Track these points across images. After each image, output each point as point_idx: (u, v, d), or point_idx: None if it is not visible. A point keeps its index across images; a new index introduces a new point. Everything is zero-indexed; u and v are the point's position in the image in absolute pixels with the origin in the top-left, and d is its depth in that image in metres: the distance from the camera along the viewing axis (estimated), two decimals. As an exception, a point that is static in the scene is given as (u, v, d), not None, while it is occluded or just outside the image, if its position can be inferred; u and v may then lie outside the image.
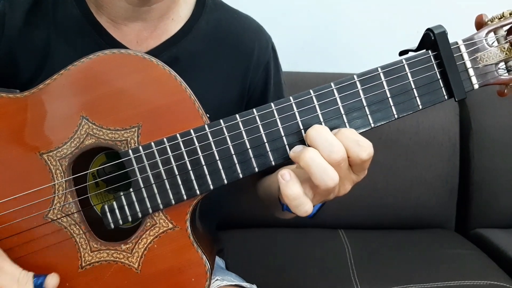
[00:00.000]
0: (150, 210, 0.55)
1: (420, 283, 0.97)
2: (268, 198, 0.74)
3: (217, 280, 0.78)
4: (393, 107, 0.54)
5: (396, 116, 0.55)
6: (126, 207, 0.55)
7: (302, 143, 0.54)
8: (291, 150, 0.53)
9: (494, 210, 1.24)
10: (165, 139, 0.54)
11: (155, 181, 0.54)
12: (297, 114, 0.54)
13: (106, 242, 0.56)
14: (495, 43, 0.55)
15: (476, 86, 0.55)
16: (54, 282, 0.54)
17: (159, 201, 0.55)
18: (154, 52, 0.70)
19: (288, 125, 0.54)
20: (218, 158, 0.54)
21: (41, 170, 0.55)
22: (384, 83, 0.54)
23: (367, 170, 0.55)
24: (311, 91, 0.54)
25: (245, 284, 0.81)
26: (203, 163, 0.54)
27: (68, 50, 0.68)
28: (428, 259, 1.08)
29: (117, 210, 0.55)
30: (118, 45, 0.69)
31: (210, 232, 0.71)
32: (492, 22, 0.55)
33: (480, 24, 0.56)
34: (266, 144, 0.54)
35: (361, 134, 0.55)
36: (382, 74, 0.54)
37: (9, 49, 0.67)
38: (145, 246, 0.56)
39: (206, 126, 0.54)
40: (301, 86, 1.02)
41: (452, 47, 0.54)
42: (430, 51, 0.54)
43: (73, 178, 0.56)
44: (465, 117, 1.24)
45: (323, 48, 1.35)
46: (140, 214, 0.55)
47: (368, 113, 0.54)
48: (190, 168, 0.54)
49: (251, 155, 0.54)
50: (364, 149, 0.51)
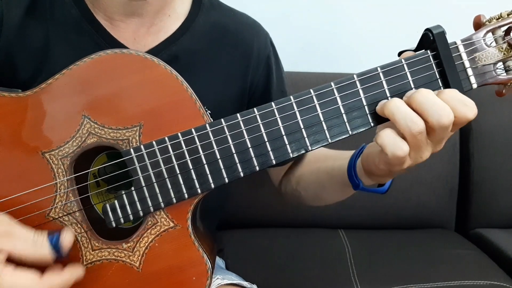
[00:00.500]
0: (152, 209, 0.55)
1: (420, 283, 0.97)
2: (328, 183, 0.73)
3: (217, 279, 0.78)
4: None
5: (396, 115, 0.55)
6: (128, 206, 0.55)
7: (302, 142, 0.54)
8: (378, 105, 0.54)
9: (494, 210, 1.24)
10: (166, 138, 0.54)
11: (157, 180, 0.55)
12: (297, 113, 0.54)
13: (107, 241, 0.57)
14: (493, 43, 0.55)
15: (474, 86, 0.55)
16: (69, 238, 0.52)
17: (161, 199, 0.55)
18: (153, 51, 0.70)
19: (288, 124, 0.54)
20: (219, 157, 0.54)
21: (43, 169, 0.55)
22: (383, 83, 0.54)
23: None
24: (311, 91, 0.54)
25: (245, 283, 0.81)
26: (204, 162, 0.54)
27: (66, 49, 0.68)
28: (428, 259, 1.08)
29: (118, 209, 0.55)
30: (116, 42, 0.69)
31: (210, 231, 0.71)
32: (490, 22, 0.55)
33: (478, 24, 0.56)
34: (267, 143, 0.54)
35: (360, 134, 0.56)
36: (381, 74, 0.54)
37: (7, 49, 0.67)
38: (146, 244, 0.56)
39: (207, 125, 0.54)
40: (301, 86, 1.02)
41: (450, 47, 0.54)
42: (429, 51, 0.55)
43: (74, 177, 0.56)
44: (465, 117, 1.24)
45: (323, 48, 1.35)
46: (141, 213, 0.55)
47: (367, 112, 0.55)
48: (191, 167, 0.54)
49: (252, 154, 0.54)
50: (470, 108, 0.51)
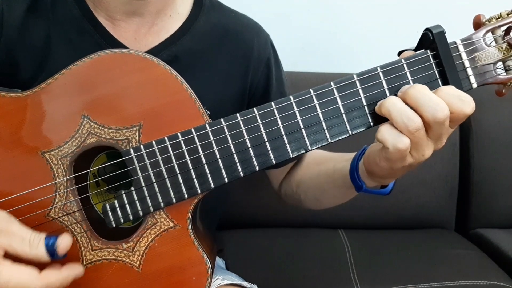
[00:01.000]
0: (151, 209, 0.55)
1: (420, 283, 0.97)
2: (329, 186, 0.72)
3: (217, 279, 0.78)
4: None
5: (396, 115, 0.55)
6: (128, 206, 0.55)
7: (302, 142, 0.54)
8: (376, 105, 0.54)
9: (494, 210, 1.24)
10: (166, 138, 0.54)
11: (156, 179, 0.55)
12: (297, 113, 0.54)
13: (107, 240, 0.57)
14: (493, 43, 0.55)
15: (474, 86, 0.55)
16: (66, 242, 0.51)
17: (160, 199, 0.55)
18: (153, 51, 0.70)
19: (288, 124, 0.54)
20: (219, 157, 0.54)
21: (42, 169, 0.55)
22: (383, 83, 0.54)
23: None
24: (311, 90, 0.54)
25: (245, 283, 0.81)
26: (204, 162, 0.54)
27: (67, 48, 0.68)
28: (428, 259, 1.07)
29: (118, 209, 0.55)
30: (117, 42, 0.69)
31: (210, 231, 0.71)
32: (489, 22, 0.55)
33: (478, 24, 0.56)
34: (267, 143, 0.54)
35: (361, 134, 0.56)
36: (381, 74, 0.54)
37: (8, 49, 0.67)
38: (146, 244, 0.56)
39: (207, 125, 0.54)
40: (301, 86, 1.02)
41: (450, 47, 0.54)
42: (428, 51, 0.55)
43: (74, 177, 0.56)
44: (465, 117, 1.24)
45: (323, 48, 1.35)
46: (141, 213, 0.55)
47: (367, 112, 0.55)
48: (191, 167, 0.54)
49: (252, 154, 0.54)
50: (467, 103, 0.51)
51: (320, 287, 0.99)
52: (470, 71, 0.55)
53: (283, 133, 0.54)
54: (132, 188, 0.55)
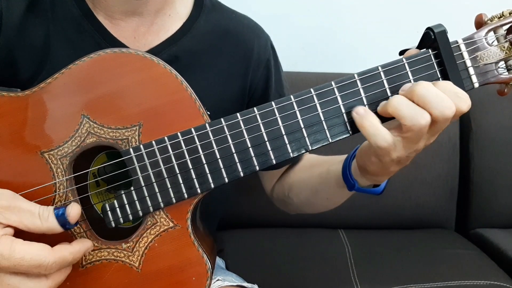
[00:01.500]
0: (151, 209, 0.55)
1: (420, 283, 0.97)
2: (323, 190, 0.72)
3: (218, 280, 0.78)
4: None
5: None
6: (127, 206, 0.55)
7: (303, 141, 0.54)
8: (379, 106, 0.53)
9: (494, 210, 1.24)
10: (166, 138, 0.54)
11: (156, 179, 0.54)
12: (297, 112, 0.54)
13: (107, 241, 0.56)
14: (495, 42, 0.55)
15: (476, 85, 0.55)
16: (76, 210, 0.51)
17: (160, 199, 0.55)
18: (154, 51, 0.70)
19: (288, 123, 0.54)
20: (219, 156, 0.54)
21: (42, 169, 0.55)
22: (384, 82, 0.54)
23: None
24: (312, 90, 0.54)
25: (246, 284, 0.81)
26: (204, 162, 0.54)
27: (67, 48, 0.68)
28: (428, 259, 1.08)
29: (118, 209, 0.55)
30: (116, 42, 0.69)
31: (210, 231, 0.71)
32: (491, 21, 0.55)
33: (480, 23, 0.56)
34: (267, 142, 0.54)
35: (361, 134, 0.55)
36: (382, 73, 0.54)
37: (7, 49, 0.67)
38: (146, 245, 0.56)
39: (207, 124, 0.54)
40: (301, 86, 1.01)
41: (452, 46, 0.54)
42: (430, 50, 0.54)
43: (74, 177, 0.56)
44: (465, 117, 1.24)
45: (323, 48, 1.35)
46: (141, 213, 0.55)
47: (368, 111, 0.54)
48: (191, 166, 0.54)
49: (252, 154, 0.54)
50: (464, 100, 0.51)
51: (320, 287, 0.99)
52: (471, 71, 0.55)
53: (284, 132, 0.54)
54: (131, 188, 0.55)
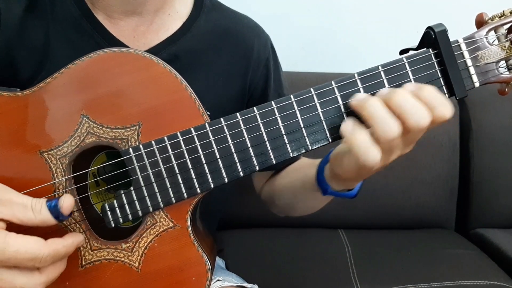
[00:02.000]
0: (151, 209, 0.55)
1: (420, 283, 0.97)
2: (301, 193, 0.72)
3: (218, 280, 0.78)
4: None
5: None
6: (127, 206, 0.55)
7: (302, 141, 0.54)
8: (353, 98, 0.52)
9: (494, 210, 1.24)
10: (165, 138, 0.54)
11: (156, 179, 0.54)
12: (297, 112, 0.54)
13: (106, 241, 0.56)
14: (496, 42, 0.55)
15: (477, 84, 0.55)
16: (68, 201, 0.51)
17: (160, 199, 0.55)
18: (153, 50, 0.70)
19: (288, 123, 0.54)
20: (218, 156, 0.54)
21: (41, 169, 0.55)
22: (385, 81, 0.54)
23: None
24: (312, 90, 0.54)
25: (246, 284, 0.80)
26: (204, 162, 0.54)
27: (66, 48, 0.68)
28: (428, 259, 1.08)
29: (117, 209, 0.55)
30: (116, 41, 0.69)
31: (210, 231, 0.71)
32: (492, 20, 0.55)
33: (480, 22, 0.56)
34: (267, 142, 0.54)
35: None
36: (382, 73, 0.54)
37: (7, 49, 0.67)
38: (145, 245, 0.56)
39: (207, 124, 0.54)
40: (301, 86, 1.01)
41: (452, 46, 0.54)
42: (430, 50, 0.54)
43: (73, 177, 0.56)
44: (465, 117, 1.24)
45: (323, 48, 1.35)
46: (140, 213, 0.55)
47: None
48: (190, 166, 0.54)
49: (252, 154, 0.54)
50: (448, 108, 0.50)
51: (320, 287, 0.99)
52: (472, 70, 0.54)
53: (283, 132, 0.54)
54: (131, 188, 0.55)
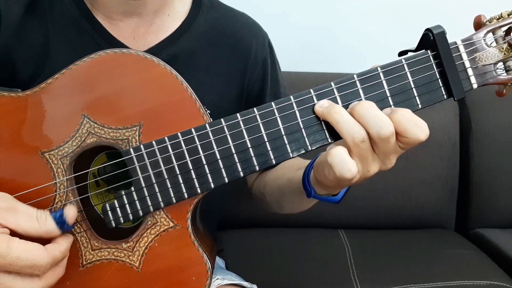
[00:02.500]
0: (151, 209, 0.55)
1: (420, 283, 0.97)
2: (288, 193, 0.72)
3: (217, 279, 0.78)
4: (392, 107, 0.54)
5: (395, 115, 0.55)
6: (127, 206, 0.55)
7: (302, 141, 0.54)
8: (317, 105, 0.53)
9: (494, 210, 1.24)
10: (166, 138, 0.54)
11: (156, 179, 0.55)
12: (297, 113, 0.54)
13: (107, 240, 0.56)
14: (494, 44, 0.55)
15: (475, 86, 0.55)
16: (73, 211, 0.52)
17: (160, 199, 0.55)
18: (153, 50, 0.70)
19: (288, 124, 0.54)
20: (219, 157, 0.54)
21: (42, 169, 0.55)
22: (383, 83, 0.54)
23: None
24: (311, 90, 0.54)
25: (245, 283, 0.81)
26: (204, 162, 0.54)
27: (66, 48, 0.68)
28: (428, 259, 1.08)
29: (118, 209, 0.55)
30: (116, 42, 0.69)
31: (210, 231, 0.71)
32: (490, 22, 0.55)
33: (478, 24, 0.56)
34: (267, 143, 0.54)
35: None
36: (381, 74, 0.54)
37: (6, 49, 0.67)
38: (146, 244, 0.56)
39: (207, 125, 0.54)
40: (301, 86, 1.02)
41: (451, 47, 0.54)
42: (429, 51, 0.55)
43: (74, 177, 0.56)
44: (465, 117, 1.24)
45: (323, 48, 1.35)
46: (141, 212, 0.55)
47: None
48: (191, 167, 0.54)
49: (252, 154, 0.54)
50: (422, 130, 0.51)
51: (320, 287, 0.99)
52: (470, 72, 0.55)
53: (283, 133, 0.54)
54: (132, 188, 0.55)
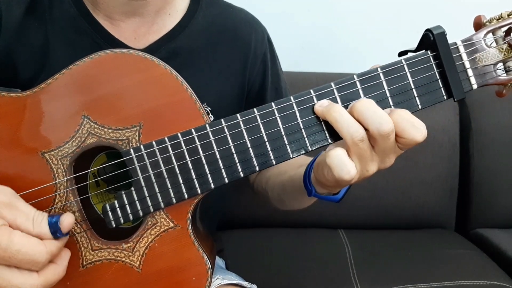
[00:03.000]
0: (151, 209, 0.55)
1: (420, 283, 0.97)
2: (289, 190, 0.72)
3: (217, 279, 0.78)
4: (392, 107, 0.55)
5: (395, 116, 0.55)
6: (127, 206, 0.55)
7: (302, 142, 0.54)
8: (317, 104, 0.53)
9: (494, 210, 1.24)
10: (166, 138, 0.54)
11: (156, 180, 0.55)
12: (297, 113, 0.54)
13: (107, 241, 0.57)
14: (494, 44, 0.55)
15: (475, 86, 0.55)
16: (69, 220, 0.51)
17: (160, 200, 0.55)
18: (152, 47, 0.70)
19: (288, 124, 0.54)
20: (219, 157, 0.54)
21: (42, 169, 0.55)
22: (383, 83, 0.54)
23: None
24: (312, 91, 0.54)
25: (245, 283, 0.81)
26: (204, 162, 0.54)
27: (66, 49, 0.69)
28: (428, 259, 1.08)
29: (118, 209, 0.55)
30: (116, 42, 0.69)
31: (210, 232, 0.71)
32: (490, 23, 0.55)
33: (478, 25, 0.56)
34: (267, 143, 0.54)
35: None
36: (381, 74, 0.54)
37: (6, 49, 0.67)
38: (146, 245, 0.56)
39: (207, 125, 0.54)
40: (301, 86, 1.02)
41: (451, 48, 0.54)
42: (429, 52, 0.55)
43: (74, 177, 0.56)
44: (465, 117, 1.25)
45: (323, 48, 1.35)
46: (141, 213, 0.55)
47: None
48: (191, 167, 0.54)
49: (252, 154, 0.54)
50: (419, 130, 0.51)
51: (320, 287, 0.99)
52: (470, 72, 0.55)
53: (284, 133, 0.54)
54: (132, 188, 0.55)
